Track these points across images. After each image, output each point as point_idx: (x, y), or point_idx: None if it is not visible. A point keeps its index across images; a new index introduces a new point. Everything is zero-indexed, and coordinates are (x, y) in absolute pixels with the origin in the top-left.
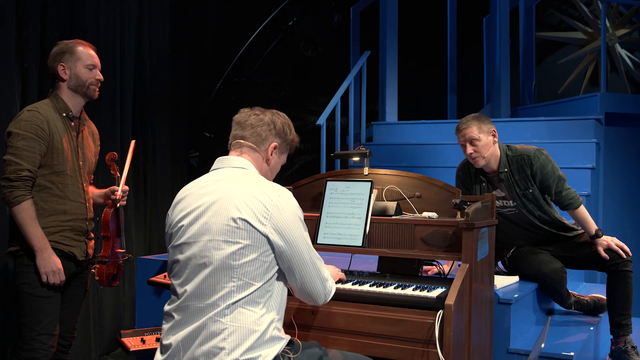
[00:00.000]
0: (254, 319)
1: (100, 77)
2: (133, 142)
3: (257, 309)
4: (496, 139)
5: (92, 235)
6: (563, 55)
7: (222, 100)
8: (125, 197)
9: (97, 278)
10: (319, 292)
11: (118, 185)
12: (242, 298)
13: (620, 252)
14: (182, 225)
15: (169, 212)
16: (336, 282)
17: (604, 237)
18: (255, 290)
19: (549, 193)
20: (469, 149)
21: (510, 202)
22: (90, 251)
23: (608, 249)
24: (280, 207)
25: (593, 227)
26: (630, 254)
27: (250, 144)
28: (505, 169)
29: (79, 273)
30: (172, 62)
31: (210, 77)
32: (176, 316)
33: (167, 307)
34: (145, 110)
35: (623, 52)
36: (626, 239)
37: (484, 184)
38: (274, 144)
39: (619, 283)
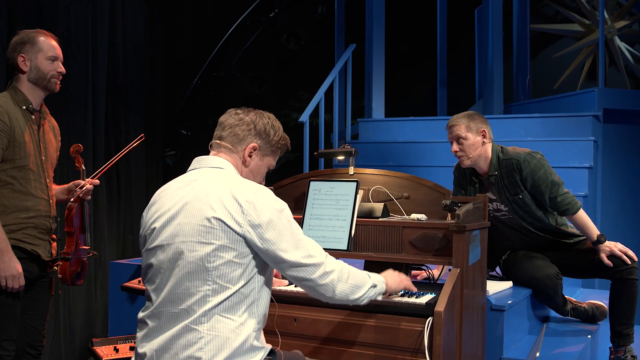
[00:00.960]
0: (233, 327)
1: (62, 69)
2: (142, 136)
3: (235, 316)
4: (486, 140)
5: (55, 237)
6: (559, 49)
7: (200, 96)
8: (91, 192)
9: (60, 276)
10: (318, 283)
11: (83, 179)
12: (219, 304)
13: (625, 257)
14: (155, 228)
15: (143, 214)
16: (399, 291)
17: (607, 243)
18: (231, 295)
19: (543, 200)
20: (454, 147)
21: (503, 206)
22: (54, 252)
23: (611, 256)
24: (256, 203)
25: (594, 232)
26: (636, 259)
27: (226, 144)
28: (495, 172)
29: (42, 276)
30: (147, 56)
31: (187, 72)
32: (150, 323)
33: (140, 314)
34: (118, 107)
35: (622, 45)
36: (625, 242)
37: (476, 185)
38: (253, 144)
39: (624, 291)
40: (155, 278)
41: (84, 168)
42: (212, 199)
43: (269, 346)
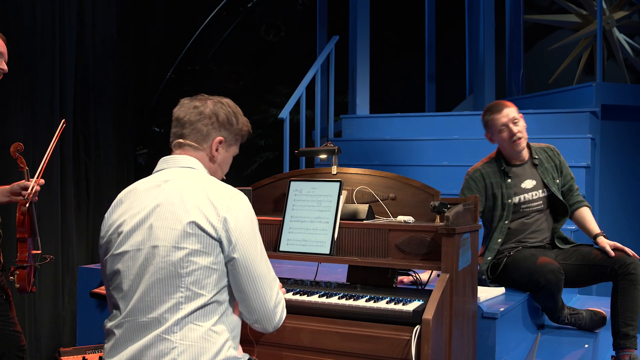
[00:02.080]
0: (207, 336)
1: (5, 67)
2: (63, 122)
3: (209, 324)
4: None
5: None
6: (554, 41)
7: (174, 90)
8: (37, 193)
9: (17, 286)
10: (272, 316)
11: (27, 180)
12: (192, 312)
13: (628, 249)
14: (122, 232)
15: (106, 215)
16: None
17: (616, 243)
18: (206, 303)
19: (570, 186)
20: (515, 129)
21: (540, 191)
22: (1, 260)
23: (614, 252)
24: (233, 209)
25: (597, 228)
26: (637, 257)
27: (191, 142)
28: (537, 156)
29: None
30: (117, 48)
31: (161, 65)
32: (118, 333)
33: (108, 324)
34: (87, 102)
35: (621, 37)
36: (624, 244)
37: (509, 180)
38: (219, 138)
39: (629, 288)
40: (123, 285)
41: (27, 168)
42: (186, 201)
43: (247, 355)
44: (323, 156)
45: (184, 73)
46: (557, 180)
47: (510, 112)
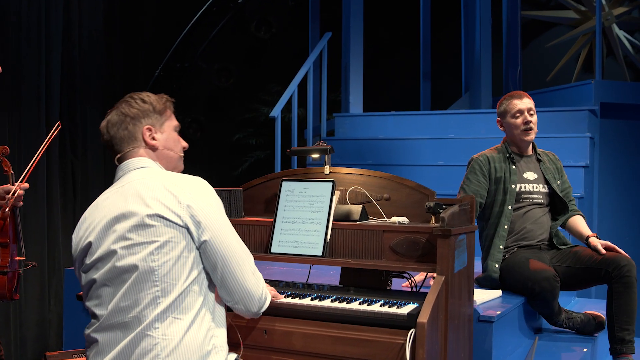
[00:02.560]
0: (189, 329)
1: None
2: (58, 124)
3: (190, 316)
4: None
5: None
6: (552, 38)
7: (162, 88)
8: (22, 197)
9: None
10: (253, 293)
11: (12, 184)
12: (171, 304)
13: (619, 249)
14: (91, 242)
15: (73, 236)
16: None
17: (608, 242)
18: (183, 293)
19: (566, 194)
20: (527, 117)
21: (541, 186)
22: None
23: (608, 256)
24: (194, 194)
25: (588, 230)
26: (630, 258)
27: (129, 148)
28: (540, 154)
29: None
30: (105, 45)
31: (149, 62)
32: (100, 338)
33: (87, 331)
34: (74, 100)
35: (621, 34)
36: (624, 247)
37: (513, 166)
38: (145, 127)
39: (623, 292)
40: (100, 291)
41: (12, 172)
42: (145, 197)
43: (234, 355)
44: (315, 155)
45: (173, 70)
46: (558, 182)
47: (529, 102)
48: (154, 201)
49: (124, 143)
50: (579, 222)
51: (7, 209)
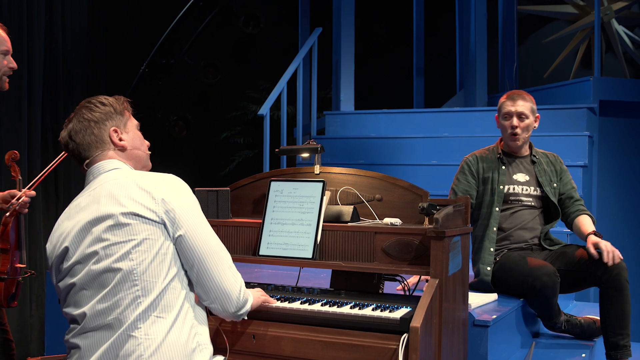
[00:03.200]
0: (171, 328)
1: (14, 64)
2: (63, 153)
3: (172, 315)
4: (536, 126)
5: None
6: (550, 33)
7: (148, 85)
8: (28, 204)
9: None
10: (230, 292)
11: (19, 189)
12: (152, 303)
13: (607, 253)
14: (67, 247)
15: (47, 245)
16: (261, 304)
17: (599, 240)
18: (163, 291)
19: (570, 195)
20: (515, 122)
21: (532, 189)
22: None
23: (599, 261)
24: (168, 190)
25: (590, 228)
26: (621, 258)
27: (97, 152)
28: (535, 155)
29: None
30: (88, 42)
31: (134, 59)
32: (82, 343)
33: (67, 337)
34: (57, 98)
35: (620, 29)
36: (624, 247)
37: (503, 167)
38: (111, 130)
39: (614, 296)
40: (79, 296)
41: (20, 178)
42: (119, 196)
43: (221, 357)
44: (305, 155)
45: (159, 67)
46: (555, 185)
47: (522, 106)
48: (128, 200)
49: (92, 148)
50: (582, 222)
51: (9, 214)
